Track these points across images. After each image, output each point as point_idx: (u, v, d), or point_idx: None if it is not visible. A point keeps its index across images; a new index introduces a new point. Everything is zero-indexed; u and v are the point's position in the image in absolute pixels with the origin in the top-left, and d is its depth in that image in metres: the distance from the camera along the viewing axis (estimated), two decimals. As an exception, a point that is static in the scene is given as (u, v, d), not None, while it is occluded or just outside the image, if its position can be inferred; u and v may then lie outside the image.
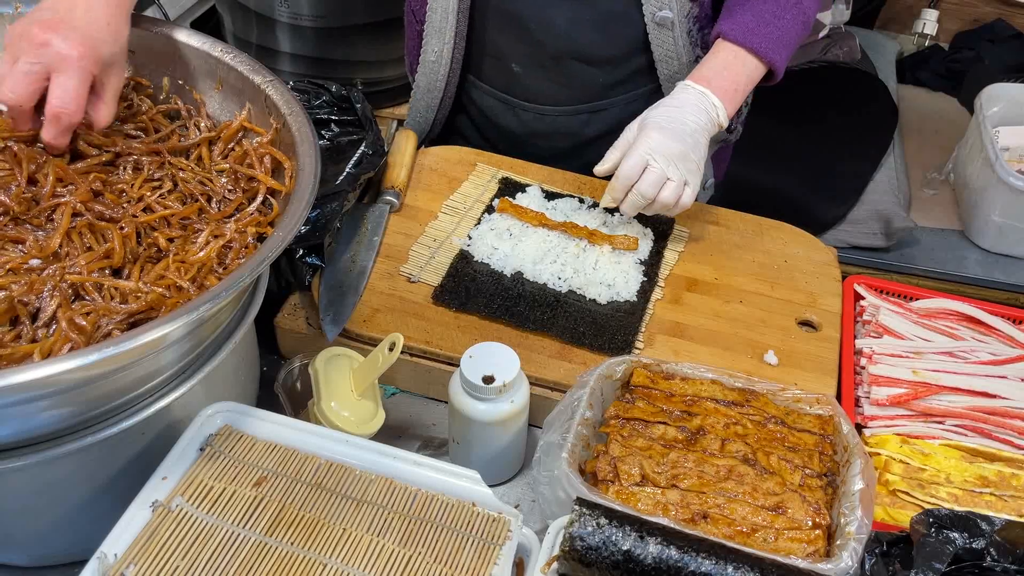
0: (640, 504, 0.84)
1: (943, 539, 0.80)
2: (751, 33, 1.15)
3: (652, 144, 1.10)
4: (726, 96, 1.15)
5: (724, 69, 1.16)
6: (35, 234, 0.83)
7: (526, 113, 1.35)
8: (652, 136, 1.10)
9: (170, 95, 1.02)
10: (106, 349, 0.66)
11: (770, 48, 1.16)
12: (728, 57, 1.17)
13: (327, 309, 1.07)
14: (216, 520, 0.75)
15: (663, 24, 1.21)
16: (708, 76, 1.16)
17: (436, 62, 1.32)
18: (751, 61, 1.16)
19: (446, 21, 1.27)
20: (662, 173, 1.10)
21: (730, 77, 1.16)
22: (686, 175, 1.12)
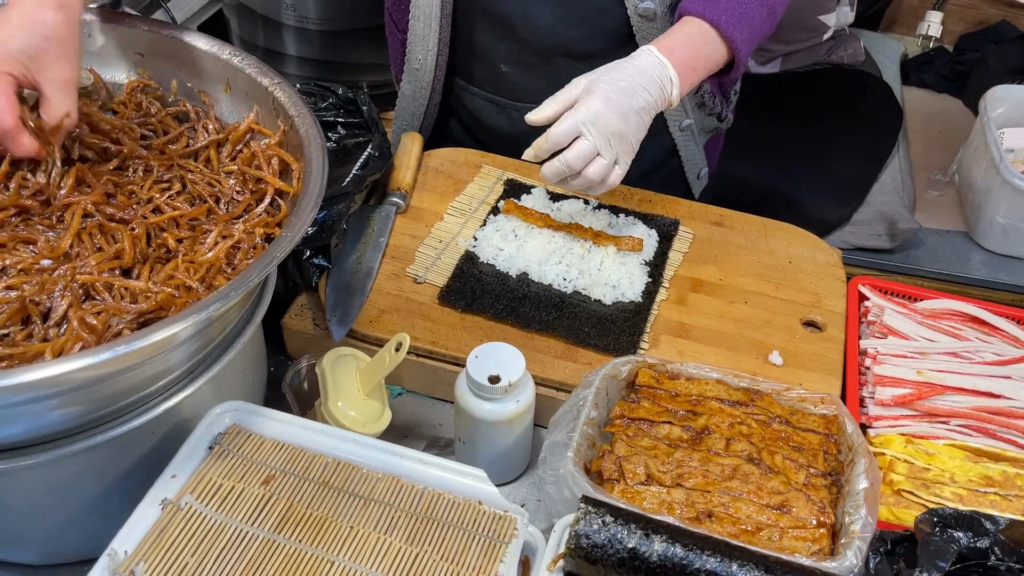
0: (645, 503, 0.85)
1: (947, 538, 0.81)
2: (713, 5, 1.11)
3: (591, 115, 1.02)
4: (684, 72, 1.09)
5: (687, 43, 1.11)
6: (46, 235, 0.84)
7: (517, 113, 1.35)
8: (594, 106, 1.03)
9: (178, 98, 1.02)
10: (117, 348, 0.67)
11: (732, 25, 1.10)
12: (692, 30, 1.11)
13: (334, 310, 1.08)
14: (225, 518, 0.75)
15: (646, 15, 1.21)
16: (672, 46, 1.09)
17: (420, 69, 1.33)
18: (714, 38, 1.11)
19: (429, 28, 1.27)
20: (594, 147, 1.03)
21: (691, 53, 1.10)
22: (619, 154, 1.06)
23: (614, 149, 1.05)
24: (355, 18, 1.56)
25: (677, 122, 1.35)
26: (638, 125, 1.06)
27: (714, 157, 1.49)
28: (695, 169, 1.42)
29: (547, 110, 1.06)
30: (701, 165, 1.42)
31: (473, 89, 1.37)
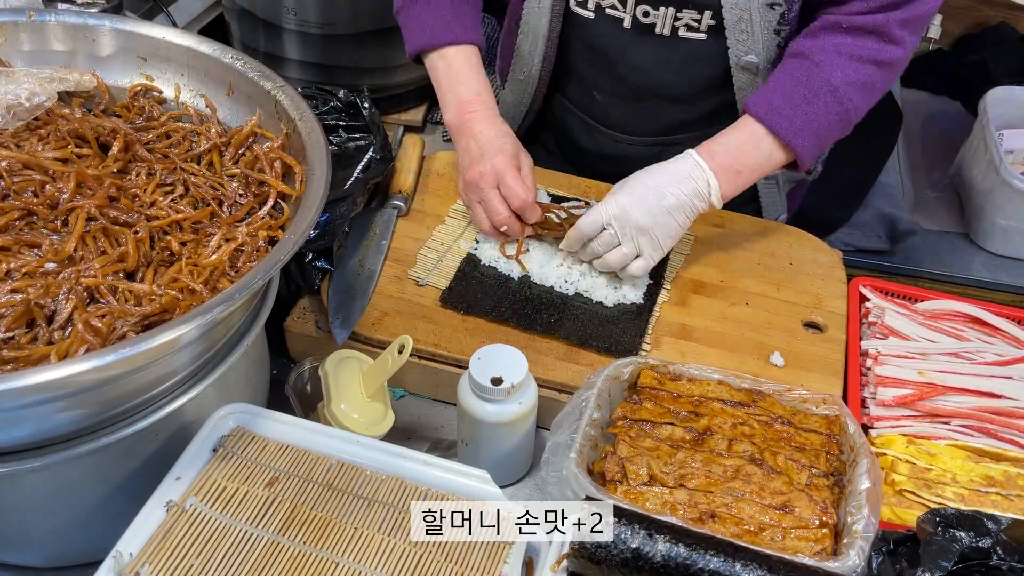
0: (648, 504, 0.85)
1: (949, 538, 0.81)
2: (775, 112, 1.10)
3: (615, 210, 1.09)
4: (727, 176, 1.11)
5: (736, 147, 1.12)
6: (50, 238, 0.84)
7: (602, 137, 1.36)
8: (619, 201, 1.10)
9: (181, 101, 1.03)
10: (122, 350, 0.67)
11: (793, 133, 1.10)
12: (744, 135, 1.12)
13: (336, 312, 1.08)
14: (229, 519, 0.75)
15: (748, 68, 1.19)
16: (715, 150, 1.12)
17: (525, 80, 1.35)
18: (769, 143, 1.11)
19: (536, 45, 1.29)
20: (613, 239, 1.10)
21: (739, 156, 1.11)
22: (641, 247, 1.10)
23: (635, 242, 1.10)
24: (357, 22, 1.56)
25: None
26: (668, 223, 1.10)
27: (794, 204, 1.46)
28: (774, 215, 1.40)
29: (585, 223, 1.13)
30: (780, 212, 1.40)
31: (568, 106, 1.38)
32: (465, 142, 1.17)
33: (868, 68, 1.10)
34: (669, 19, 1.18)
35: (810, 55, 1.11)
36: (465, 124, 1.18)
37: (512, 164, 1.15)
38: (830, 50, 1.10)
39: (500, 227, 1.16)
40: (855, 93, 1.11)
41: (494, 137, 1.16)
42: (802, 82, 1.10)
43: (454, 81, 1.20)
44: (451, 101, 1.20)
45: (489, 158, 1.14)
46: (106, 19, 1.02)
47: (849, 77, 1.10)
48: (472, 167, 1.15)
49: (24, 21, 1.00)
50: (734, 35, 1.16)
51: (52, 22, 1.01)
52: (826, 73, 1.09)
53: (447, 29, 1.20)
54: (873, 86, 1.12)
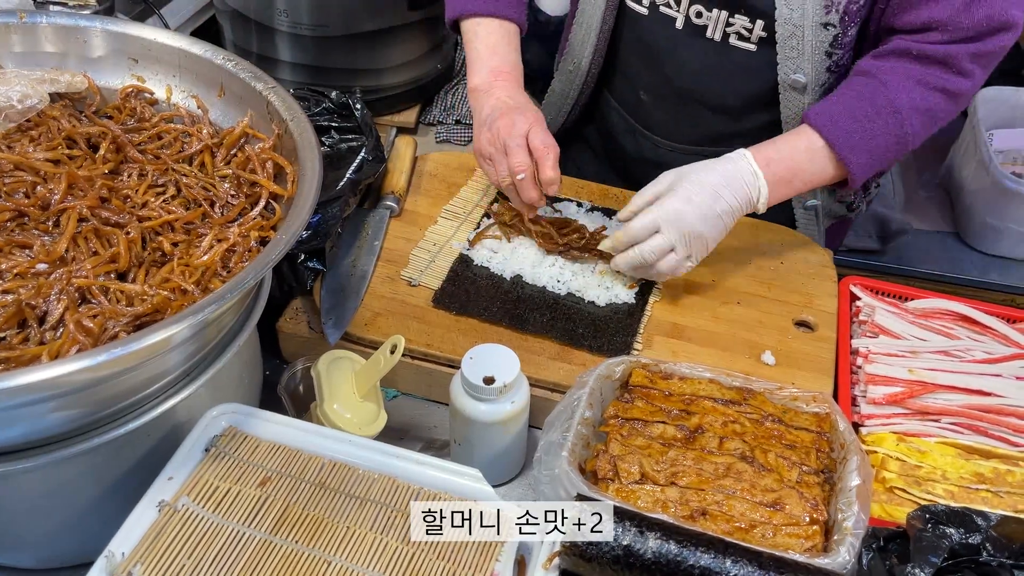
0: (640, 502, 0.85)
1: (939, 534, 0.81)
2: (835, 124, 1.09)
3: (671, 213, 1.06)
4: (778, 184, 1.10)
5: (790, 156, 1.11)
6: (42, 239, 0.85)
7: (644, 139, 1.36)
8: (675, 205, 1.07)
9: (172, 102, 1.03)
10: (113, 350, 0.67)
11: (849, 148, 1.09)
12: (801, 145, 1.11)
13: (328, 313, 1.08)
14: (222, 519, 0.76)
15: (796, 87, 1.18)
16: (770, 157, 1.10)
17: (574, 72, 1.36)
18: (824, 156, 1.10)
19: (588, 38, 1.29)
20: (669, 244, 1.07)
21: (792, 166, 1.10)
22: (693, 252, 1.09)
23: (688, 248, 1.08)
24: (349, 24, 1.56)
25: (802, 200, 1.31)
26: (717, 227, 1.09)
27: (835, 242, 1.44)
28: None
29: (636, 203, 1.11)
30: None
31: (613, 104, 1.39)
32: (493, 101, 1.17)
33: (934, 96, 1.09)
34: (721, 23, 1.17)
35: (877, 74, 1.10)
36: (494, 87, 1.19)
37: (543, 122, 1.15)
38: (899, 72, 1.09)
39: (518, 173, 1.12)
40: (917, 118, 1.10)
41: (522, 100, 1.17)
42: (866, 98, 1.09)
43: (490, 50, 1.21)
44: (483, 67, 1.20)
45: (521, 111, 1.14)
46: (97, 21, 1.02)
47: (915, 101, 1.09)
48: (501, 118, 1.14)
49: (15, 23, 1.00)
50: (784, 51, 1.15)
51: (43, 24, 1.01)
52: (892, 93, 1.09)
53: (505, 5, 1.21)
54: (936, 114, 1.11)
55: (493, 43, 1.21)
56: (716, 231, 1.09)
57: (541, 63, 1.86)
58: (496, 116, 1.15)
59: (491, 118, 1.16)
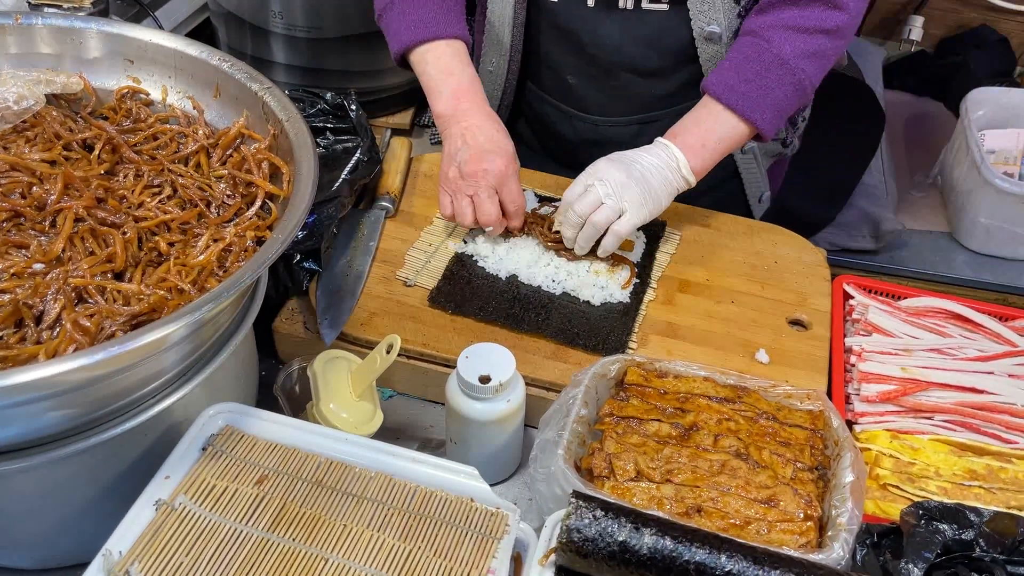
0: (635, 499, 0.86)
1: (933, 530, 0.82)
2: (730, 91, 1.15)
3: (595, 170, 1.13)
4: (692, 151, 1.15)
5: (695, 125, 1.17)
6: (38, 239, 0.85)
7: (581, 123, 1.38)
8: (598, 164, 1.14)
9: (168, 103, 1.03)
10: (111, 349, 0.67)
11: (750, 108, 1.15)
12: (703, 113, 1.17)
13: (324, 313, 1.08)
14: (219, 518, 0.76)
15: (711, 38, 1.22)
16: (676, 131, 1.18)
17: (494, 72, 1.36)
18: (729, 118, 1.16)
19: (503, 36, 1.30)
20: (598, 197, 1.12)
21: (699, 133, 1.16)
22: (623, 203, 1.12)
23: (616, 197, 1.12)
24: (343, 25, 1.57)
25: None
26: (641, 180, 1.13)
27: (777, 181, 1.50)
28: (757, 192, 1.43)
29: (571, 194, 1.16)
30: (763, 188, 1.43)
31: (542, 95, 1.40)
32: (460, 133, 1.16)
33: (817, 38, 1.15)
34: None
35: (760, 32, 1.16)
36: (460, 114, 1.17)
37: (515, 168, 1.16)
38: (778, 25, 1.15)
39: (487, 226, 1.16)
40: (806, 63, 1.16)
41: (495, 134, 1.16)
42: (753, 58, 1.16)
43: (444, 72, 1.19)
44: (443, 91, 1.18)
45: (493, 157, 1.14)
46: (93, 22, 1.02)
47: (798, 49, 1.15)
48: (472, 162, 1.14)
49: (11, 24, 1.00)
50: (695, 5, 1.19)
51: (39, 25, 1.01)
52: (775, 48, 1.15)
53: (434, 24, 1.19)
54: (824, 54, 1.17)
55: (445, 65, 1.19)
56: (643, 183, 1.13)
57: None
58: (467, 157, 1.14)
59: (461, 156, 1.15)
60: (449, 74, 1.18)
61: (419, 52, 1.20)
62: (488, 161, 1.13)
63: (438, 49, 1.19)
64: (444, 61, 1.19)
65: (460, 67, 1.19)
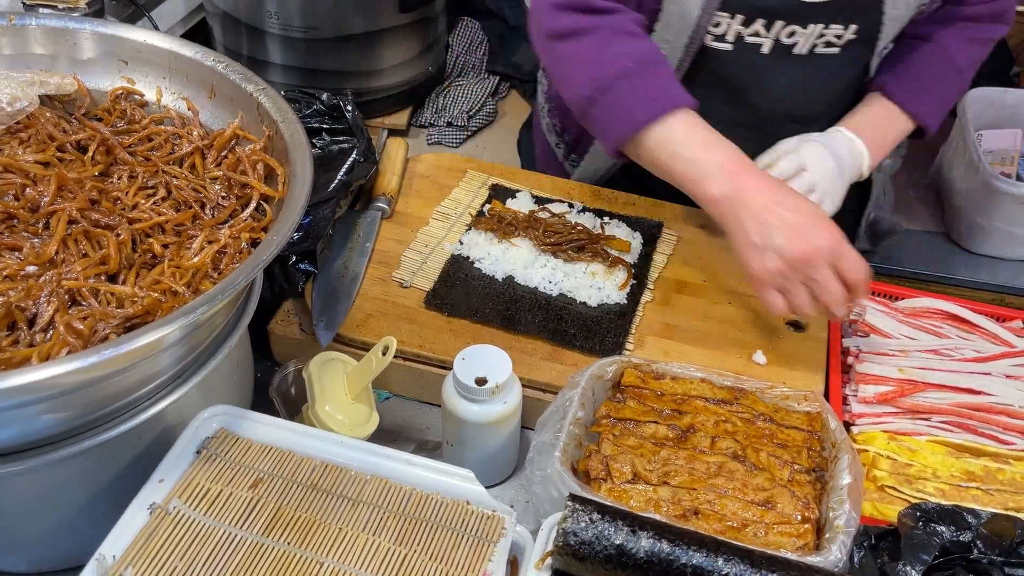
0: (632, 501, 0.85)
1: (930, 532, 0.82)
2: (913, 97, 1.16)
3: (806, 152, 1.10)
4: (874, 148, 1.16)
5: (877, 124, 1.17)
6: (31, 241, 0.84)
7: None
8: (815, 149, 1.10)
9: (163, 104, 1.03)
10: (104, 352, 0.67)
11: (928, 113, 1.17)
12: (882, 113, 1.17)
13: (320, 315, 1.08)
14: (213, 521, 0.75)
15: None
16: (861, 126, 1.16)
17: None
18: (904, 121, 1.18)
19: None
20: (808, 185, 1.08)
21: (880, 132, 1.17)
22: (826, 198, 1.08)
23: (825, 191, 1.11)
24: (340, 26, 1.57)
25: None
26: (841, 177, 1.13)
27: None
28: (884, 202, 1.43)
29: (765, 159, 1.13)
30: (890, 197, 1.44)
31: None
32: (755, 215, 0.97)
33: (982, 49, 1.19)
34: (813, 37, 1.12)
35: (936, 39, 1.17)
36: (745, 192, 0.99)
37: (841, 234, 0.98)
38: (955, 35, 1.17)
39: (833, 307, 0.98)
40: (970, 72, 1.21)
41: (798, 202, 0.99)
42: (931, 64, 1.18)
43: (703, 148, 1.02)
44: (712, 170, 1.01)
45: (818, 229, 0.97)
46: (87, 23, 1.02)
47: (970, 59, 1.19)
48: (798, 243, 0.95)
49: (4, 25, 0.99)
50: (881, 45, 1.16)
51: (33, 26, 1.00)
52: (952, 56, 1.17)
53: (677, 92, 1.04)
54: (980, 63, 1.22)
55: (700, 139, 1.03)
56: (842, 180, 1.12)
57: (533, 66, 1.87)
58: (787, 241, 0.96)
59: (777, 241, 0.96)
60: (710, 148, 1.02)
61: (658, 131, 1.03)
62: (817, 236, 0.96)
63: (683, 122, 1.03)
64: (698, 134, 1.03)
65: (716, 137, 1.03)
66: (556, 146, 1.42)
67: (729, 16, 1.09)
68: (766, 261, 0.97)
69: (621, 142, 1.05)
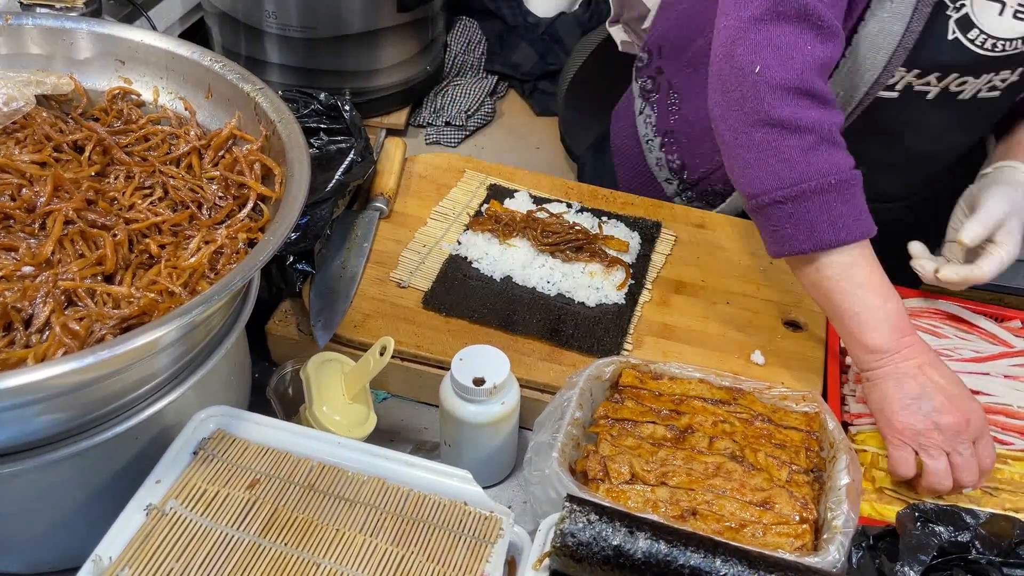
0: (630, 502, 0.85)
1: (928, 532, 0.82)
2: None
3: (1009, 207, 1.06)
4: None
5: None
6: (27, 242, 0.84)
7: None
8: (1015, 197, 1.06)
9: (160, 104, 1.03)
10: (100, 352, 0.67)
11: None
12: None
13: (318, 315, 1.08)
14: (210, 522, 0.75)
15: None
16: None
17: None
18: None
19: None
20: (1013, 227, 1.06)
21: None
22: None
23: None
24: (338, 25, 1.56)
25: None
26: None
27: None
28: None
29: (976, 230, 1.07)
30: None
31: None
32: (912, 373, 0.95)
33: None
34: (981, 84, 1.10)
35: None
36: (906, 349, 0.96)
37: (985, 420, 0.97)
38: None
39: (967, 485, 0.95)
40: None
41: (950, 374, 0.97)
42: None
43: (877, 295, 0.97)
44: (879, 321, 0.96)
45: (972, 403, 0.96)
46: (84, 22, 1.02)
47: None
48: (952, 412, 0.94)
49: (1, 24, 0.99)
50: None
51: (29, 25, 1.00)
52: None
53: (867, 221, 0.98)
54: None
55: (877, 284, 0.97)
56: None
57: (531, 66, 1.87)
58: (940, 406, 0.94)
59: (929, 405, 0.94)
60: (884, 297, 0.97)
61: (838, 259, 0.97)
62: (970, 410, 0.95)
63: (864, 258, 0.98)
64: (876, 277, 0.98)
65: (889, 287, 0.98)
66: (667, 181, 1.37)
67: (906, 70, 1.08)
68: (915, 420, 0.94)
69: (793, 253, 1.00)
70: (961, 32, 1.04)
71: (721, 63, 0.99)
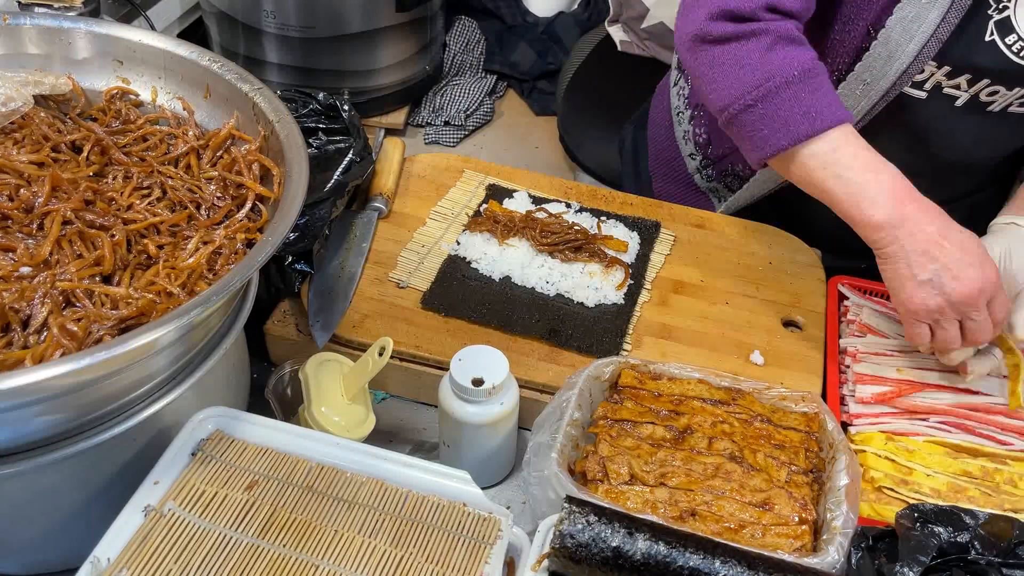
0: (629, 503, 0.85)
1: (928, 533, 0.82)
2: None
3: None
4: None
5: None
6: (25, 242, 0.84)
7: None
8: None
9: (158, 104, 1.02)
10: (98, 353, 0.67)
11: None
12: None
13: (316, 315, 1.08)
14: (208, 524, 0.75)
15: None
16: None
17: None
18: None
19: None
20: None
21: None
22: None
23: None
24: (337, 25, 1.56)
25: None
26: None
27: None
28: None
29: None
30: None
31: None
32: (922, 248, 0.94)
33: None
34: (1013, 97, 1.08)
35: None
36: (907, 220, 0.94)
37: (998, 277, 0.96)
38: None
39: (982, 342, 0.97)
40: None
41: (963, 237, 0.95)
42: None
43: (867, 169, 0.96)
44: (875, 195, 0.95)
45: (984, 268, 0.94)
46: (82, 22, 1.01)
47: None
48: (965, 283, 0.93)
49: (-1, 24, 0.99)
50: None
51: (27, 25, 1.00)
52: None
53: (839, 107, 0.97)
54: None
55: (865, 160, 0.96)
56: None
57: (530, 65, 1.87)
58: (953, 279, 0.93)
59: (940, 279, 0.94)
60: (876, 171, 0.96)
61: (819, 146, 0.97)
62: (981, 277, 0.93)
63: (846, 139, 0.97)
64: (862, 154, 0.97)
65: (880, 159, 0.97)
66: (690, 156, 1.35)
67: (937, 66, 1.05)
68: (928, 298, 0.94)
69: (774, 153, 0.99)
70: (999, 35, 1.01)
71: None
